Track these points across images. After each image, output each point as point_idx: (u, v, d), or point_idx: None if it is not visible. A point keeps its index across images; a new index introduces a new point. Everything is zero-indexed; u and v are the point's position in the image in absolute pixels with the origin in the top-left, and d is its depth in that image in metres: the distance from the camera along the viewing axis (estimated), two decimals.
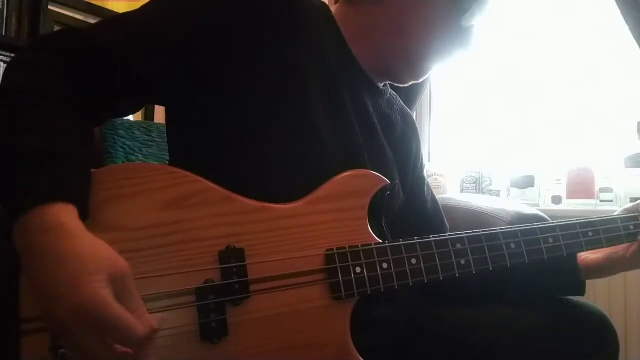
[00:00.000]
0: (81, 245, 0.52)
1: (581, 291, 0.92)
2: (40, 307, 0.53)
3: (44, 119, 0.58)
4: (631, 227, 0.90)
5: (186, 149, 0.75)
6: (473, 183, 2.08)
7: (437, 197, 1.05)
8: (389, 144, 0.86)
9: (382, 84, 0.90)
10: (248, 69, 0.71)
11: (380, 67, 0.85)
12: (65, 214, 0.53)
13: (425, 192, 0.99)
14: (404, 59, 0.85)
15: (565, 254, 0.84)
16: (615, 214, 0.93)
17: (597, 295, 1.64)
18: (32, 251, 0.52)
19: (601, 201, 1.86)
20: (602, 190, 1.86)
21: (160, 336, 0.54)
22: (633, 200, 1.77)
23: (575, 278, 0.92)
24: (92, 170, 0.61)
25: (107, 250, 0.53)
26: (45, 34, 0.67)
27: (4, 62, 1.69)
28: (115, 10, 2.00)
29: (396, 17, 0.82)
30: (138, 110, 0.79)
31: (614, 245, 0.89)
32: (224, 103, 0.71)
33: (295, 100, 0.73)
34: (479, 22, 0.85)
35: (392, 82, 0.89)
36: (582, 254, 0.92)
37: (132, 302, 0.52)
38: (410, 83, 0.89)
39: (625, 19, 1.66)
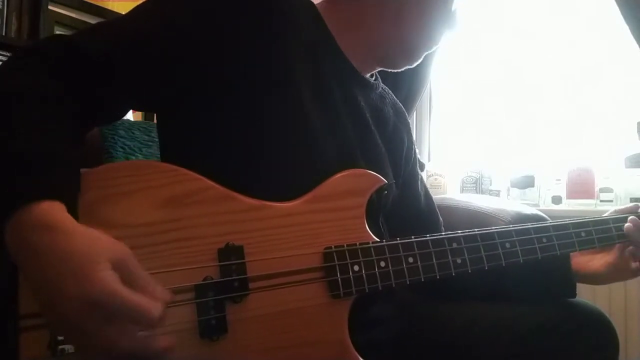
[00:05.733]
0: (78, 239, 0.51)
1: (573, 293, 0.93)
2: (42, 308, 0.52)
3: (28, 121, 0.58)
4: (623, 227, 0.91)
5: (178, 150, 0.75)
6: (473, 183, 2.08)
7: (437, 197, 1.05)
8: (382, 139, 0.87)
9: (373, 78, 0.92)
10: (237, 70, 0.71)
11: (373, 58, 0.87)
12: (56, 211, 0.53)
13: (419, 188, 1.00)
14: (399, 49, 0.87)
15: (558, 253, 0.85)
16: (607, 214, 0.94)
17: (597, 295, 1.64)
18: (28, 250, 0.51)
19: (601, 201, 1.86)
20: (602, 190, 1.86)
21: (159, 333, 0.54)
22: (633, 200, 1.78)
23: (568, 280, 0.92)
24: (91, 168, 0.61)
25: (104, 238, 0.53)
26: (36, 41, 0.66)
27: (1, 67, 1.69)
28: (115, 10, 2.01)
29: (389, 10, 0.84)
30: (125, 114, 0.78)
31: (606, 245, 0.90)
32: (214, 106, 0.72)
33: (287, 101, 0.73)
34: (461, 4, 0.90)
35: (385, 68, 0.91)
36: (578, 259, 0.93)
37: (140, 282, 0.52)
38: (405, 68, 0.91)
39: (625, 19, 1.66)
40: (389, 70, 0.91)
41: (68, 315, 0.49)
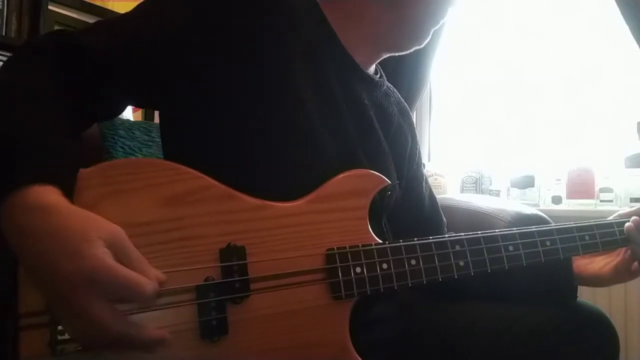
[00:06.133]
0: (70, 218, 0.52)
1: (574, 296, 0.93)
2: (39, 288, 0.53)
3: (25, 111, 0.58)
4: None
5: (180, 148, 0.75)
6: (473, 183, 2.08)
7: (437, 197, 1.05)
8: (385, 137, 0.87)
9: (378, 75, 0.91)
10: (237, 70, 0.71)
11: (380, 45, 0.87)
12: (48, 193, 0.53)
13: (424, 189, 0.99)
14: (406, 31, 0.86)
15: (562, 257, 0.84)
16: (611, 217, 0.93)
17: (597, 295, 1.63)
18: (22, 232, 0.52)
19: (601, 201, 1.85)
20: (602, 190, 1.86)
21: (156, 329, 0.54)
22: (633, 200, 1.78)
23: (569, 284, 0.92)
24: (93, 166, 0.61)
25: (97, 218, 0.53)
26: (36, 37, 0.67)
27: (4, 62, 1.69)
28: (116, 10, 2.00)
29: None
30: (123, 111, 0.78)
31: (609, 249, 0.90)
32: (215, 104, 0.72)
33: (287, 100, 0.73)
34: None
35: (394, 53, 0.90)
36: (579, 261, 0.93)
37: (133, 262, 0.52)
38: (414, 49, 0.90)
39: (625, 19, 1.66)
40: (398, 54, 0.90)
41: (64, 293, 0.49)
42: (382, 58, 0.91)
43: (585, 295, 0.92)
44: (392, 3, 0.83)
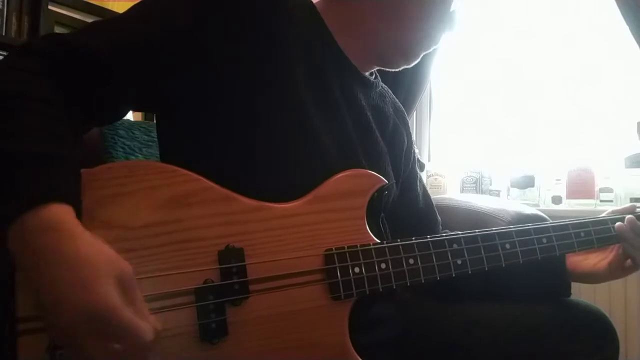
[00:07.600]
0: (84, 247, 0.50)
1: (567, 292, 0.94)
2: (40, 310, 0.52)
3: (31, 121, 0.57)
4: None
5: (178, 151, 0.75)
6: (473, 183, 2.07)
7: (437, 197, 1.05)
8: (382, 138, 0.87)
9: (373, 77, 0.92)
10: (237, 71, 0.71)
11: (371, 57, 0.87)
12: (63, 214, 0.52)
13: (418, 188, 1.00)
14: (398, 48, 0.86)
15: (558, 254, 0.85)
16: (605, 213, 0.94)
17: (597, 295, 1.64)
18: (32, 253, 0.50)
19: (601, 201, 1.85)
20: (602, 190, 1.86)
21: (159, 337, 0.54)
22: (633, 200, 1.78)
23: (563, 280, 0.93)
24: (90, 168, 0.60)
25: (110, 252, 0.52)
26: (32, 40, 0.64)
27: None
28: (115, 10, 2.00)
29: (390, 9, 0.83)
30: (124, 115, 0.76)
31: (605, 245, 0.91)
32: (214, 106, 0.71)
33: (287, 100, 0.73)
34: (460, 5, 0.89)
35: (383, 67, 0.91)
36: (572, 258, 0.94)
37: (137, 304, 0.51)
38: (402, 67, 0.90)
39: (625, 19, 1.65)
40: (387, 69, 0.91)
41: (64, 321, 0.48)
42: (375, 69, 0.91)
43: (585, 294, 0.93)
44: (390, 17, 0.83)
